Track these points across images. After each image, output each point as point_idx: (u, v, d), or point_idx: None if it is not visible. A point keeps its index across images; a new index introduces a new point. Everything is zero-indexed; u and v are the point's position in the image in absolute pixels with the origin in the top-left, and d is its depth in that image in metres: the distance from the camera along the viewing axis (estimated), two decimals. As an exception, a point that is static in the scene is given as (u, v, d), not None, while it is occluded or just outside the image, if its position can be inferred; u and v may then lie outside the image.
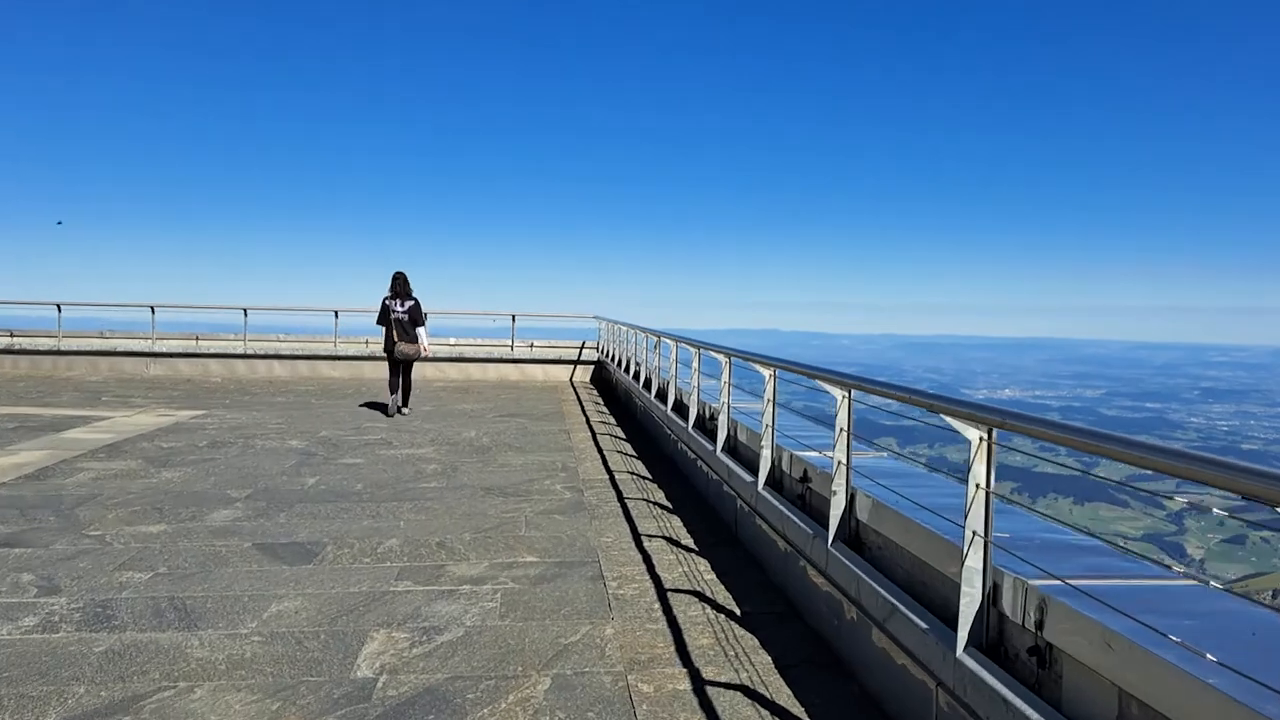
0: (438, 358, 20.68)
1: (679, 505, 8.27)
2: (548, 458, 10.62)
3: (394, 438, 12.06)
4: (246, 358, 20.55)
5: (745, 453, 7.75)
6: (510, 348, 21.44)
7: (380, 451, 10.97)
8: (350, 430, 12.73)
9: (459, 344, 21.64)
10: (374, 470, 9.72)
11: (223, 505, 7.95)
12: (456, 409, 15.45)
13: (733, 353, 8.09)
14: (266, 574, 5.99)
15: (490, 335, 22.07)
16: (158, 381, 19.09)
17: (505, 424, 13.57)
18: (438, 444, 11.58)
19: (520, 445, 11.52)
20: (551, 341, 21.96)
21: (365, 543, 6.78)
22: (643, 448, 11.52)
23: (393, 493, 8.57)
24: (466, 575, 6.02)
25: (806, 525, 5.53)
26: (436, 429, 12.94)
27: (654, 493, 8.74)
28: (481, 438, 12.16)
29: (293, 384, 19.15)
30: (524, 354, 21.43)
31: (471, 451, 11.04)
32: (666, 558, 6.51)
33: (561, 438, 12.22)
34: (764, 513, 6.44)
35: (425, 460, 10.39)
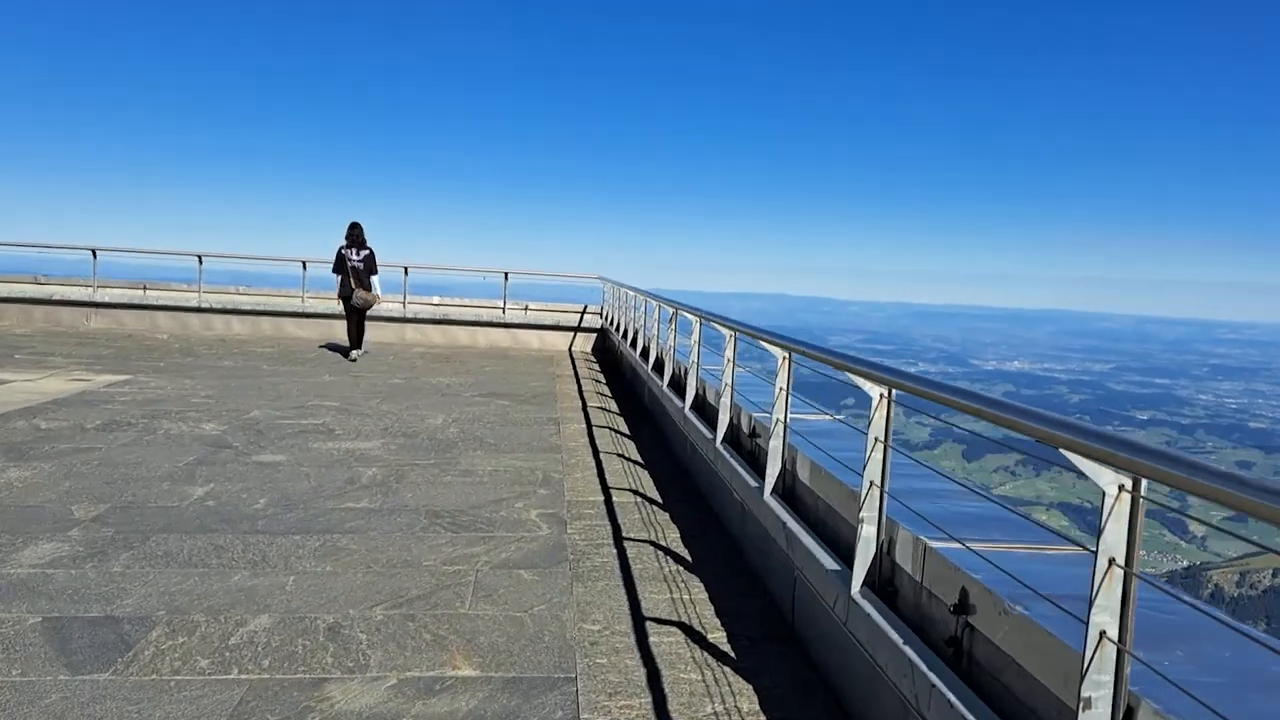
0: (419, 319, 18.23)
1: (700, 556, 5.81)
2: (527, 462, 8.16)
3: (339, 423, 9.61)
4: (201, 311, 18.09)
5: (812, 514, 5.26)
6: (502, 310, 18.93)
7: (314, 444, 8.53)
8: (291, 409, 10.29)
9: (444, 304, 19.14)
10: (293, 476, 7.28)
11: (49, 533, 5.53)
12: (429, 383, 12.98)
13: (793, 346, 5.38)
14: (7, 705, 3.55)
15: (481, 295, 19.57)
16: (93, 337, 16.61)
17: (483, 407, 11.11)
18: (391, 435, 9.13)
19: (495, 441, 9.06)
20: (549, 304, 19.44)
21: (217, 623, 4.34)
22: (651, 450, 9.05)
23: (302, 517, 6.14)
24: (350, 712, 3.58)
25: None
26: (397, 412, 10.49)
27: (665, 530, 6.26)
28: (448, 427, 9.70)
29: (250, 344, 16.69)
30: (517, 317, 18.93)
31: (430, 448, 8.58)
32: (687, 676, 4.04)
33: (549, 431, 9.76)
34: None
35: (367, 460, 7.95)
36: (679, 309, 8.65)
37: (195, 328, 18.03)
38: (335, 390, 11.91)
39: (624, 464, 8.25)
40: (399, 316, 18.40)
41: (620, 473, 7.90)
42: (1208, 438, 75.49)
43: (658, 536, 6.05)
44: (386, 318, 18.30)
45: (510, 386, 13.03)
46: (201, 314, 18.06)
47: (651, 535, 6.08)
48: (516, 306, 19.05)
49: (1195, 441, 73.22)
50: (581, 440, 9.28)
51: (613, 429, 10.03)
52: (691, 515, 6.63)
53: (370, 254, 14.96)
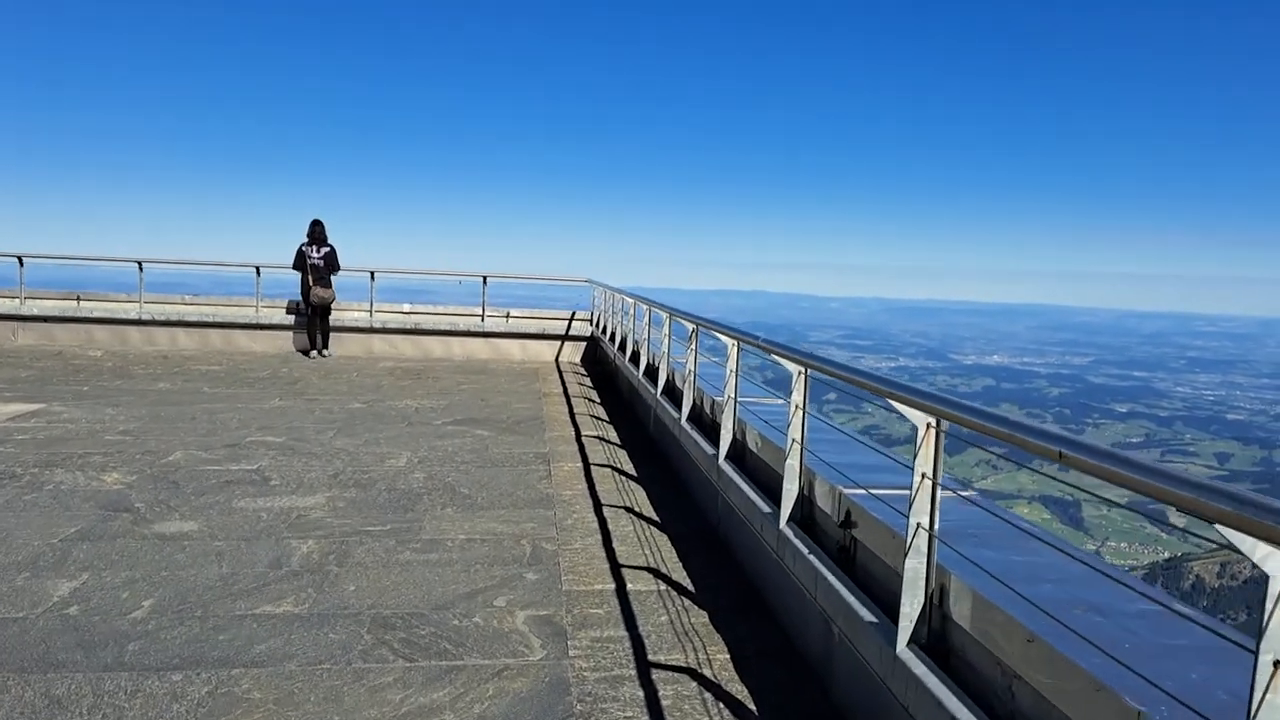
0: (388, 329, 16.38)
1: (768, 696, 4.02)
2: (511, 524, 6.34)
3: (278, 469, 7.78)
4: (142, 324, 16.15)
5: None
6: (481, 318, 17.07)
7: (240, 502, 6.70)
8: (222, 449, 8.45)
9: (416, 311, 17.25)
10: (200, 557, 5.46)
11: None
12: (395, 408, 11.14)
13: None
14: None
15: (456, 301, 17.70)
16: (16, 355, 14.63)
17: (457, 440, 9.28)
18: (340, 485, 7.32)
19: (470, 491, 7.24)
20: (533, 311, 17.59)
21: None
22: (667, 501, 7.25)
23: (193, 636, 4.32)
24: None
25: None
26: (352, 450, 8.66)
27: (706, 644, 4.44)
28: (413, 471, 7.88)
29: (195, 360, 14.79)
30: (498, 326, 17.07)
31: (388, 504, 6.77)
32: None
33: (537, 473, 7.95)
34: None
35: (304, 527, 6.13)
36: (700, 324, 6.90)
37: (135, 342, 16.10)
38: (283, 420, 10.07)
39: (635, 523, 6.44)
40: (365, 326, 16.54)
41: (632, 538, 6.09)
42: (1186, 429, 75.34)
43: (699, 660, 4.24)
44: (352, 328, 16.46)
45: (490, 410, 11.21)
46: (142, 326, 16.13)
47: (690, 657, 4.27)
48: (497, 313, 17.21)
49: (1174, 433, 73.14)
50: (578, 486, 7.47)
51: (615, 468, 8.22)
52: (740, 617, 4.82)
53: (331, 251, 15.12)
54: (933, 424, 3.20)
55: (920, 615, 3.22)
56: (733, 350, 5.68)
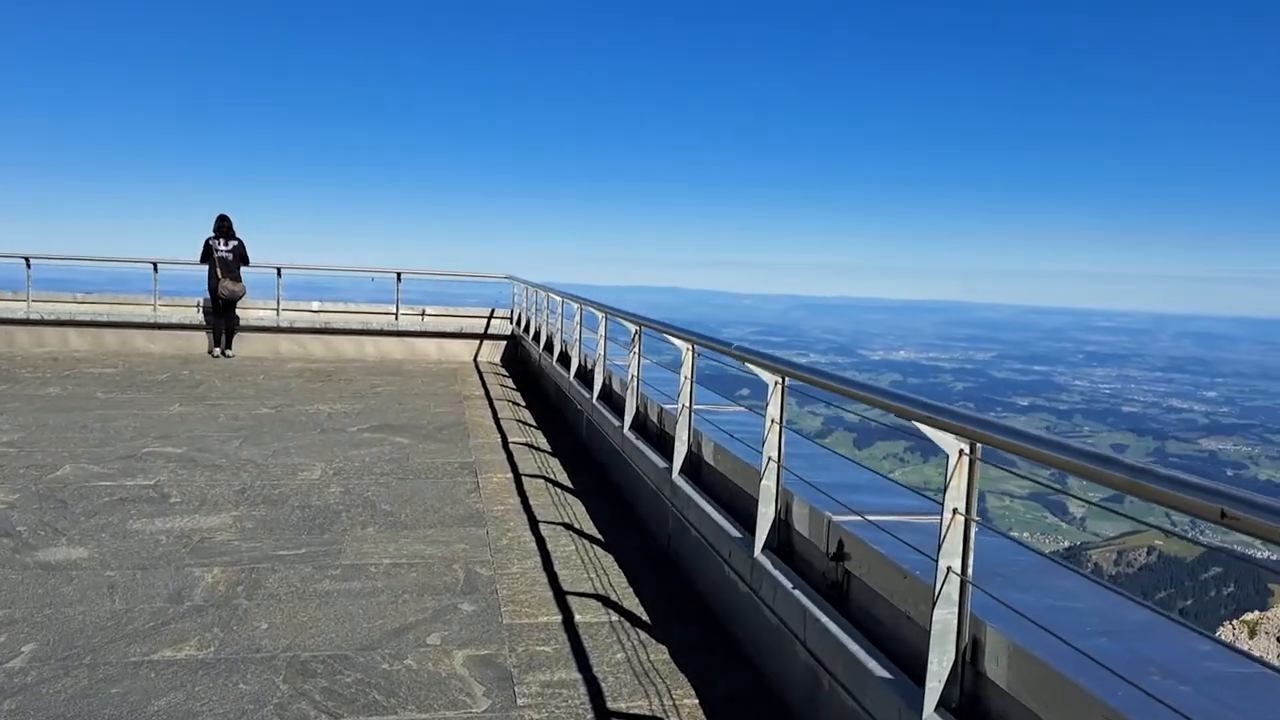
0: (296, 328, 15.61)
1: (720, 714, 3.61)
2: (440, 546, 5.81)
3: (179, 483, 7.12)
4: (30, 324, 15.09)
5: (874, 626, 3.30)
6: (395, 316, 16.36)
7: (136, 524, 6.06)
8: (117, 461, 7.75)
9: (325, 310, 16.46)
10: (90, 590, 4.85)
11: None
12: (306, 413, 10.47)
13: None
14: None
15: (370, 300, 16.96)
16: (-114, 358, 13.55)
17: (375, 449, 8.69)
18: (249, 501, 6.70)
19: (392, 507, 6.69)
20: (450, 309, 16.93)
21: None
22: (609, 515, 6.79)
23: (79, 691, 3.73)
24: None
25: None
26: (260, 461, 8.02)
27: (670, 685, 4.01)
28: (329, 484, 7.28)
29: (88, 362, 13.84)
30: (413, 324, 16.38)
31: (302, 524, 6.19)
32: None
33: (465, 485, 7.42)
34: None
35: (208, 552, 5.53)
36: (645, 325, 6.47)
37: (24, 344, 15.03)
38: (184, 427, 9.35)
39: (576, 543, 5.97)
40: (272, 326, 15.71)
41: (575, 560, 5.62)
42: (1085, 422, 77.75)
43: (663, 705, 3.80)
44: (257, 327, 15.64)
45: (409, 415, 10.61)
46: (30, 326, 15.08)
47: (654, 703, 3.82)
48: (411, 312, 16.51)
49: (1073, 426, 75.53)
50: (510, 500, 6.97)
51: (549, 479, 7.73)
52: (705, 653, 4.38)
53: (240, 244, 14.77)
54: (966, 450, 2.77)
55: (950, 674, 2.75)
56: (687, 355, 5.25)
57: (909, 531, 3.25)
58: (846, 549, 3.60)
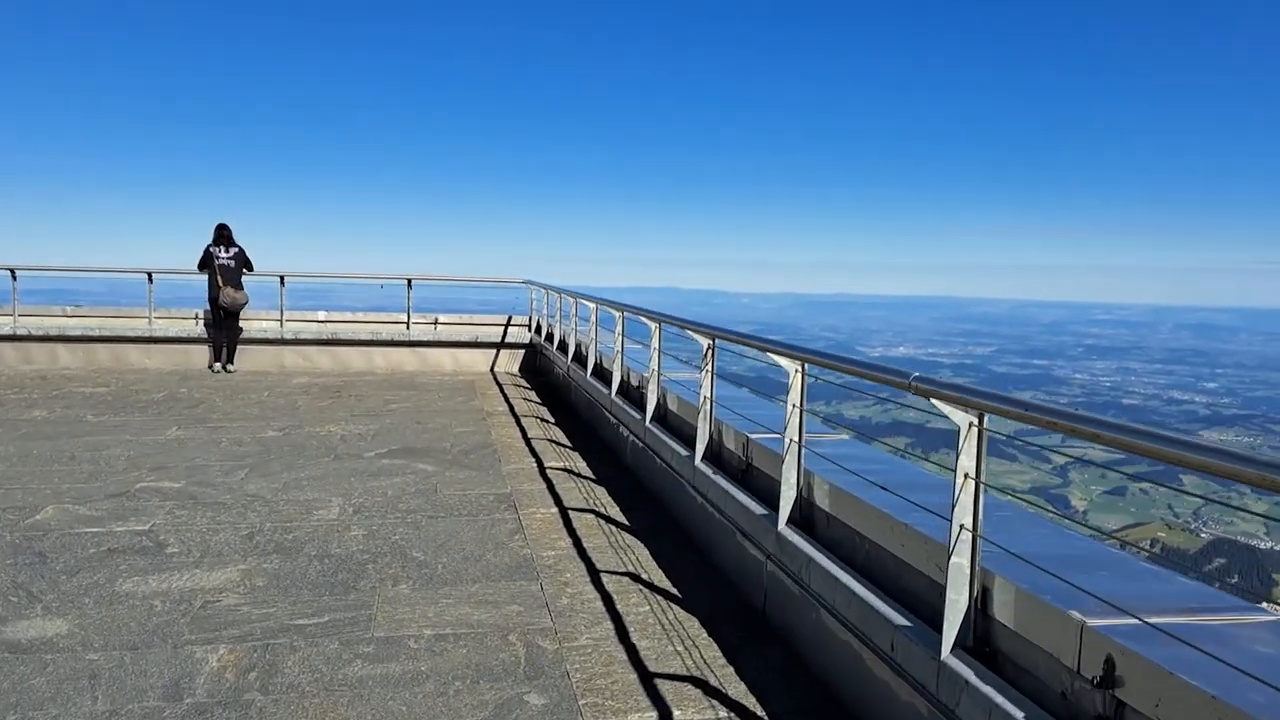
0: (301, 339, 14.67)
1: None
2: (489, 609, 4.86)
3: (177, 528, 6.17)
4: (16, 340, 14.12)
5: None
6: (406, 325, 15.40)
7: (125, 584, 5.12)
8: (106, 500, 6.81)
9: (332, 320, 15.49)
10: (69, 679, 3.91)
11: None
12: (317, 436, 9.52)
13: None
14: None
15: (379, 309, 16.00)
16: None
17: (397, 479, 7.74)
18: (258, 551, 5.75)
19: (426, 555, 5.73)
20: (464, 316, 15.96)
21: None
22: (672, 554, 5.85)
23: None
24: None
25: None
26: (269, 496, 7.07)
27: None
28: (349, 526, 6.33)
29: (79, 380, 12.88)
30: (425, 334, 15.41)
31: (322, 582, 5.23)
32: None
33: (506, 523, 6.46)
34: None
35: (211, 624, 4.58)
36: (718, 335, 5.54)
37: (10, 361, 14.07)
38: (182, 456, 8.40)
39: (649, 601, 5.01)
40: (275, 338, 14.74)
41: (654, 626, 4.65)
42: None
43: None
44: (260, 339, 14.68)
45: (429, 436, 9.65)
46: (17, 343, 14.11)
47: None
48: (424, 320, 15.55)
49: None
50: (561, 543, 6.01)
51: (598, 512, 6.76)
52: None
53: (241, 250, 13.95)
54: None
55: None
56: (796, 377, 4.30)
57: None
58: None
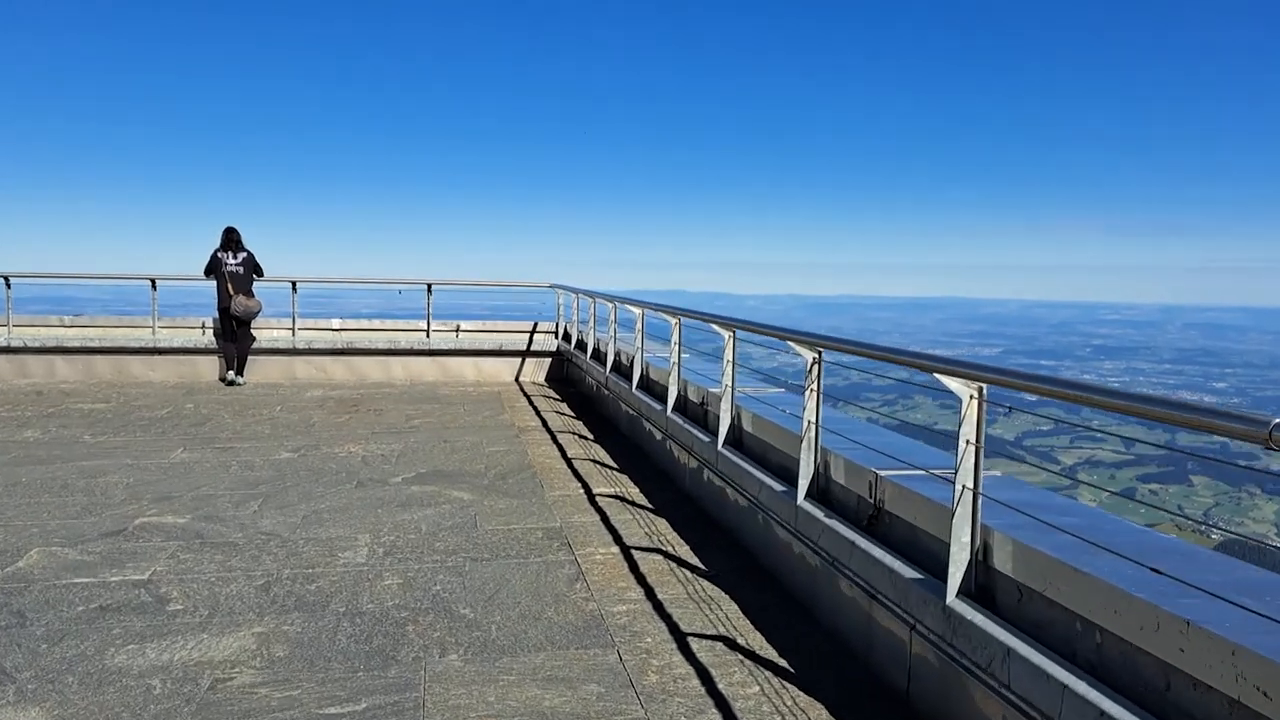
0: (314, 349, 13.80)
1: None
2: (563, 691, 3.94)
3: (181, 578, 5.29)
4: (11, 352, 13.26)
5: None
6: (426, 333, 14.51)
7: (119, 656, 4.22)
8: (101, 540, 5.93)
9: (347, 328, 14.60)
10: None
11: None
12: (336, 457, 8.64)
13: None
14: None
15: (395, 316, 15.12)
16: None
17: (430, 510, 6.85)
18: (275, 606, 4.86)
19: (476, 614, 4.81)
20: (487, 323, 15.06)
21: None
22: (763, 606, 4.95)
23: None
24: None
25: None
26: (285, 534, 6.18)
27: None
28: (382, 575, 5.42)
29: (78, 396, 12.02)
30: (446, 342, 14.52)
31: (354, 648, 4.33)
32: None
33: (564, 568, 5.55)
34: None
35: (220, 713, 3.69)
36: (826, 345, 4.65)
37: (5, 375, 13.20)
38: (188, 483, 7.53)
39: (752, 673, 4.09)
40: (287, 348, 13.88)
41: (769, 713, 3.76)
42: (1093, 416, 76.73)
43: None
44: (271, 350, 13.81)
45: (461, 456, 8.76)
46: (12, 355, 13.25)
47: None
48: (444, 328, 14.67)
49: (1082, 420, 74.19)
50: (632, 594, 5.10)
51: (667, 552, 5.84)
52: None
53: (250, 256, 13.11)
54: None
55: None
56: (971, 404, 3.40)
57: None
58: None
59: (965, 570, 3.35)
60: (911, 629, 3.64)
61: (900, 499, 4.02)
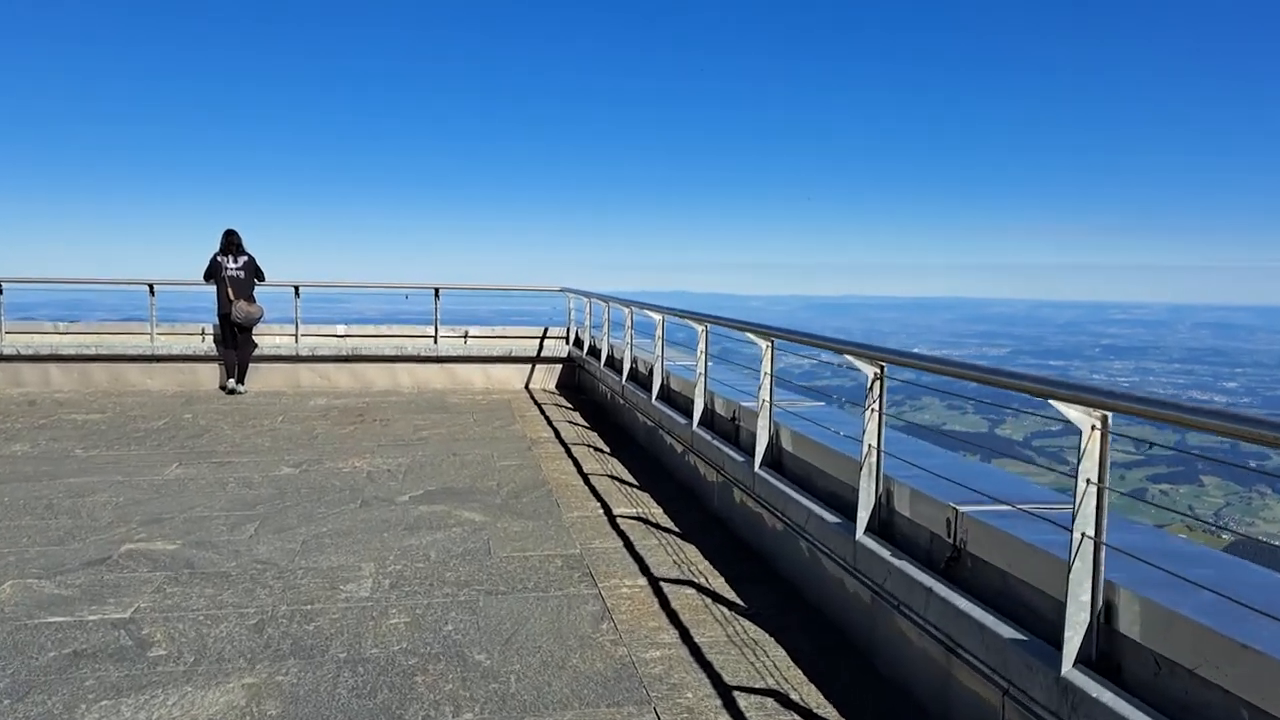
0: (318, 356, 13.32)
1: None
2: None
3: (165, 615, 4.79)
4: (4, 359, 12.75)
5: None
6: (433, 339, 14.00)
7: (89, 715, 3.72)
8: (81, 569, 5.45)
9: (352, 334, 14.10)
10: None
11: None
12: (340, 473, 8.15)
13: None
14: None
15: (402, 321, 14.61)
16: None
17: (439, 534, 6.34)
18: (269, 649, 4.35)
19: (494, 662, 4.30)
20: (496, 329, 14.54)
21: None
22: (812, 648, 4.44)
23: None
24: None
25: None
26: (283, 562, 5.68)
27: None
28: (386, 611, 4.91)
29: (72, 405, 11.53)
30: (454, 348, 14.01)
31: (356, 704, 3.82)
32: None
33: (587, 604, 5.04)
34: None
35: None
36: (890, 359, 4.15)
37: (-4, 383, 12.75)
38: (180, 503, 7.04)
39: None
40: (290, 355, 13.39)
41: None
42: None
43: None
44: (273, 356, 13.33)
45: (470, 472, 8.25)
46: (5, 363, 12.76)
47: None
48: (452, 333, 14.16)
49: None
50: (665, 635, 4.59)
51: (700, 585, 5.33)
52: None
53: (252, 260, 12.60)
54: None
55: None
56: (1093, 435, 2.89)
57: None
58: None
59: (1084, 634, 2.82)
60: (1005, 694, 3.12)
61: (988, 540, 3.49)
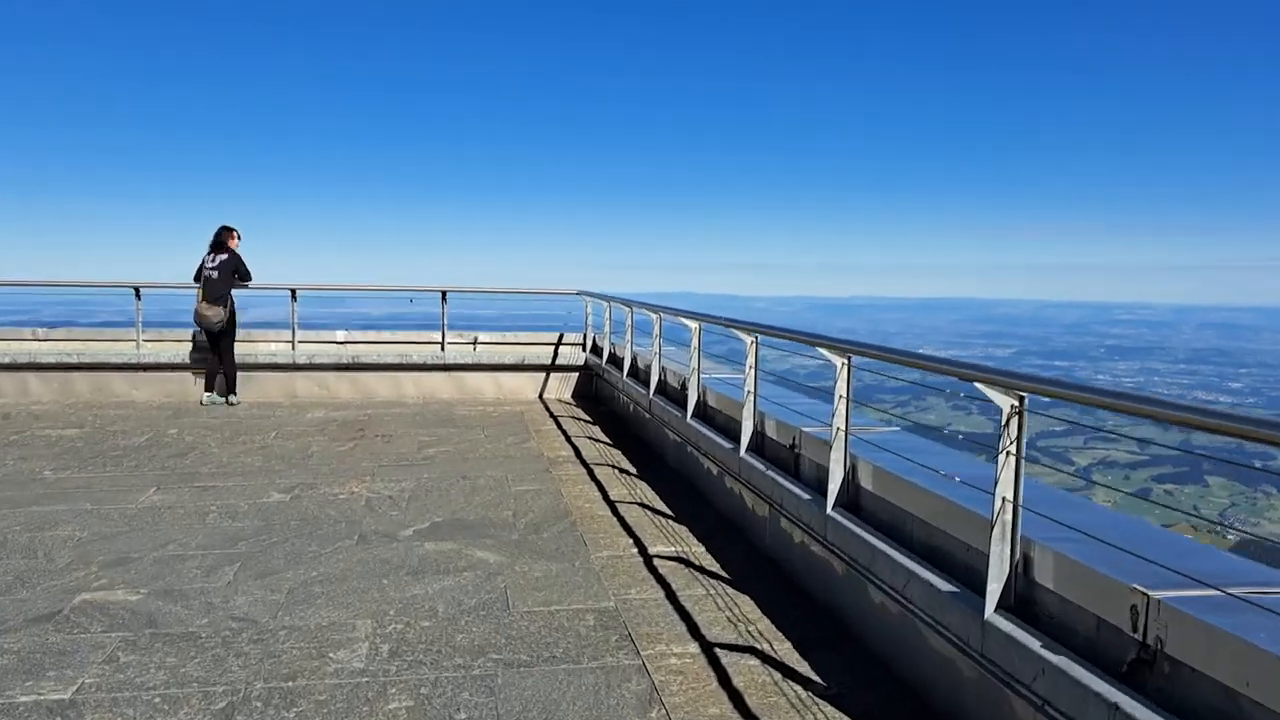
0: (316, 364, 12.43)
1: None
2: None
3: (117, 686, 3.89)
4: (-24, 368, 11.92)
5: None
6: (440, 346, 13.08)
7: None
8: (27, 625, 4.56)
9: (354, 340, 13.18)
10: None
11: None
12: (335, 500, 7.25)
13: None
14: None
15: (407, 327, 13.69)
16: None
17: (449, 581, 5.43)
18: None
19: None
20: (507, 335, 13.58)
21: None
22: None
23: None
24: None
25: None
26: (264, 616, 4.78)
27: None
28: (386, 690, 3.98)
29: (49, 419, 10.64)
30: (463, 355, 13.08)
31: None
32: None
33: (627, 674, 4.12)
34: None
35: None
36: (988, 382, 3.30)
37: (-29, 393, 11.87)
38: (154, 535, 6.16)
39: None
40: (286, 363, 12.49)
41: None
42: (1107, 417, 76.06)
43: None
44: (268, 365, 12.44)
45: (483, 500, 7.34)
46: (-21, 372, 11.91)
47: None
48: (461, 340, 13.24)
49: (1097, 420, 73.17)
50: (713, 708, 3.70)
51: (763, 653, 4.42)
52: None
53: (231, 258, 11.66)
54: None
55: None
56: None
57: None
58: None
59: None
60: None
61: (1191, 636, 2.57)
